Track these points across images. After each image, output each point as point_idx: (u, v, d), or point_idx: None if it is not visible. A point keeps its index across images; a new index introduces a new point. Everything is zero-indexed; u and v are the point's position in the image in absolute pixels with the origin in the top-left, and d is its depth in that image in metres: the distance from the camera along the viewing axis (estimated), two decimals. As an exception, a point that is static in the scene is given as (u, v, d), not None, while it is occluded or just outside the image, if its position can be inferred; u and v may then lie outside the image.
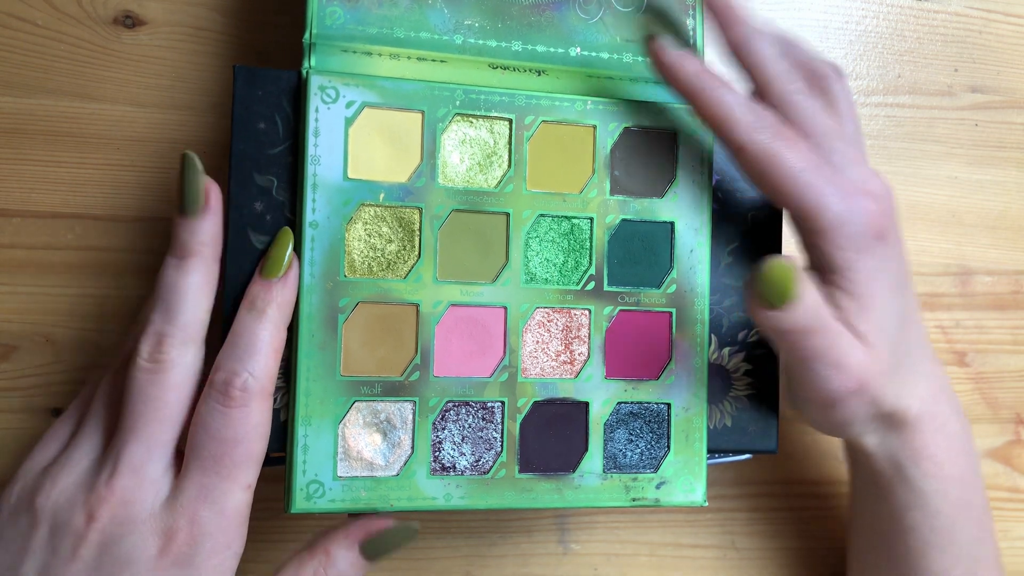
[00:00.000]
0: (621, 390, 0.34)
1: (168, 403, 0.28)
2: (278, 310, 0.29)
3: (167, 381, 0.28)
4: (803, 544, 0.44)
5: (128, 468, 0.28)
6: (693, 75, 0.32)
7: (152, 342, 0.28)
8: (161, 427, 0.28)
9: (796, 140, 0.32)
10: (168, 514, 0.28)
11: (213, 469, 0.28)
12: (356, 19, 0.33)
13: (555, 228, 0.34)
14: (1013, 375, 0.47)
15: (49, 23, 0.37)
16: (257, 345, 0.29)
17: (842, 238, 0.31)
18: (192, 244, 0.29)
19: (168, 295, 0.29)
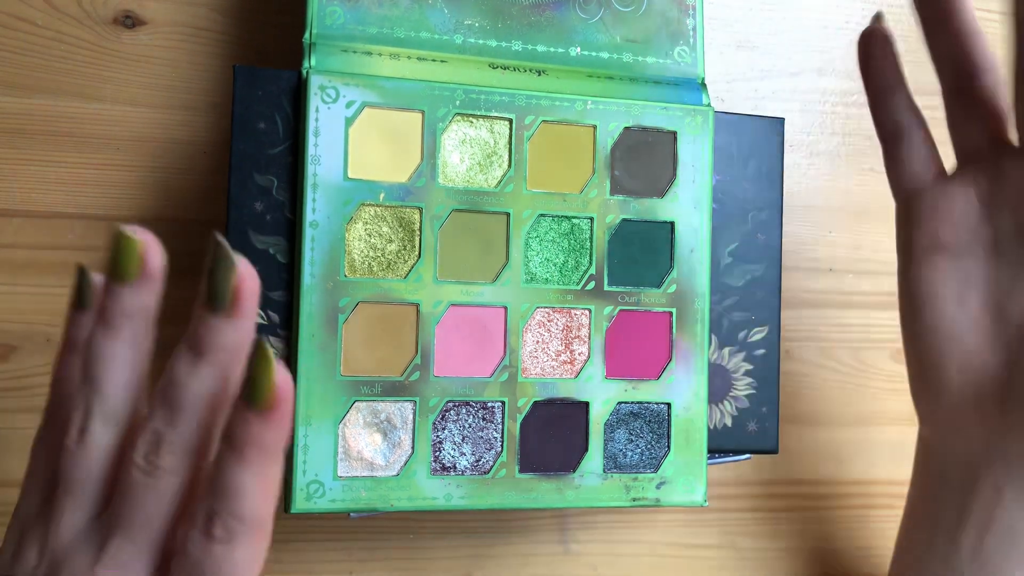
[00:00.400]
0: (621, 390, 0.34)
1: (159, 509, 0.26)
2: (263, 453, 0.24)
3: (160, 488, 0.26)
4: (803, 544, 0.44)
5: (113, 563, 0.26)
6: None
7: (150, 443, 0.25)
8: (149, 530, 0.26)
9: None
10: None
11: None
12: (356, 19, 0.33)
13: (555, 228, 0.34)
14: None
15: (49, 23, 0.37)
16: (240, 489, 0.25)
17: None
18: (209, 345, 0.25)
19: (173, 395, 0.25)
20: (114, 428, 0.27)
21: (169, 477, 0.26)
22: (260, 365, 0.23)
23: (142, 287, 0.25)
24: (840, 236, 0.45)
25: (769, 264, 0.36)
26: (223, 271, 0.24)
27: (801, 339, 0.44)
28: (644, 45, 0.35)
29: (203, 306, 0.24)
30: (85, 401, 0.26)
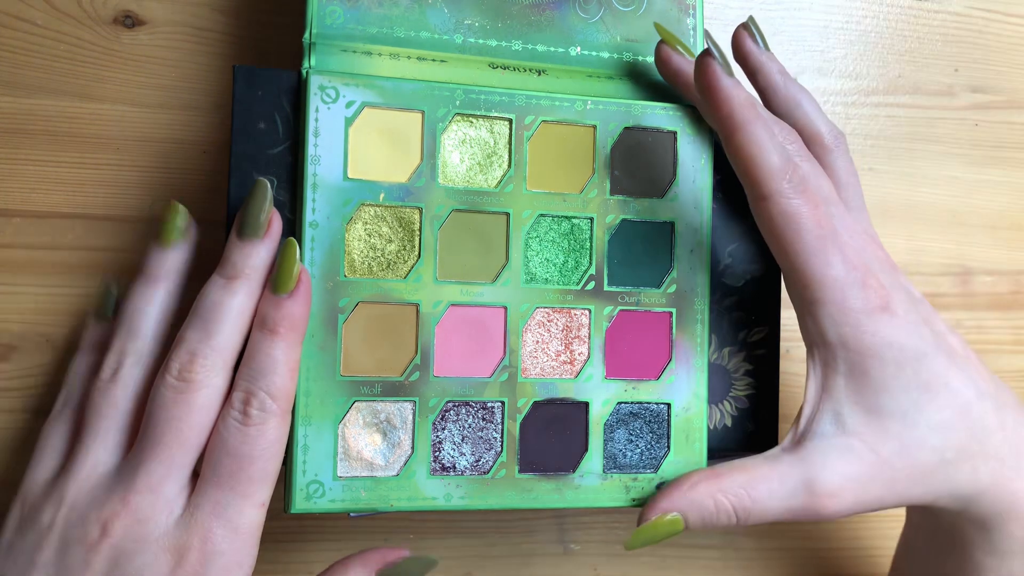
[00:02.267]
0: (621, 390, 0.34)
1: (191, 425, 0.28)
2: (291, 328, 0.29)
3: (194, 402, 0.28)
4: (803, 544, 0.44)
5: (145, 486, 0.28)
6: (739, 106, 0.31)
7: (184, 359, 0.28)
8: (182, 448, 0.28)
9: (819, 203, 0.31)
10: (181, 532, 0.28)
11: (228, 485, 0.28)
12: (356, 19, 0.33)
13: (555, 228, 0.34)
14: (1013, 375, 0.47)
15: (49, 23, 0.37)
16: (271, 365, 0.29)
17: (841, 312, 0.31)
18: (244, 267, 0.29)
19: (208, 314, 0.29)
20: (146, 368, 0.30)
21: (203, 391, 0.28)
22: (286, 257, 0.29)
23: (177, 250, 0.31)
24: (840, 236, 0.45)
25: (769, 264, 0.36)
26: (262, 202, 0.29)
27: (801, 339, 0.44)
28: (644, 45, 0.35)
29: (238, 235, 0.29)
30: (120, 345, 0.30)
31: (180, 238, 0.31)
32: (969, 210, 0.47)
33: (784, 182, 0.30)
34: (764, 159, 0.30)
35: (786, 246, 0.31)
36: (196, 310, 0.29)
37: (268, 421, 0.28)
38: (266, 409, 0.28)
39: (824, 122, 0.34)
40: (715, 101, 0.31)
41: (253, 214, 0.29)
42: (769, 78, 0.34)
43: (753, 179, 0.31)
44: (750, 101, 0.31)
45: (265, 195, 0.29)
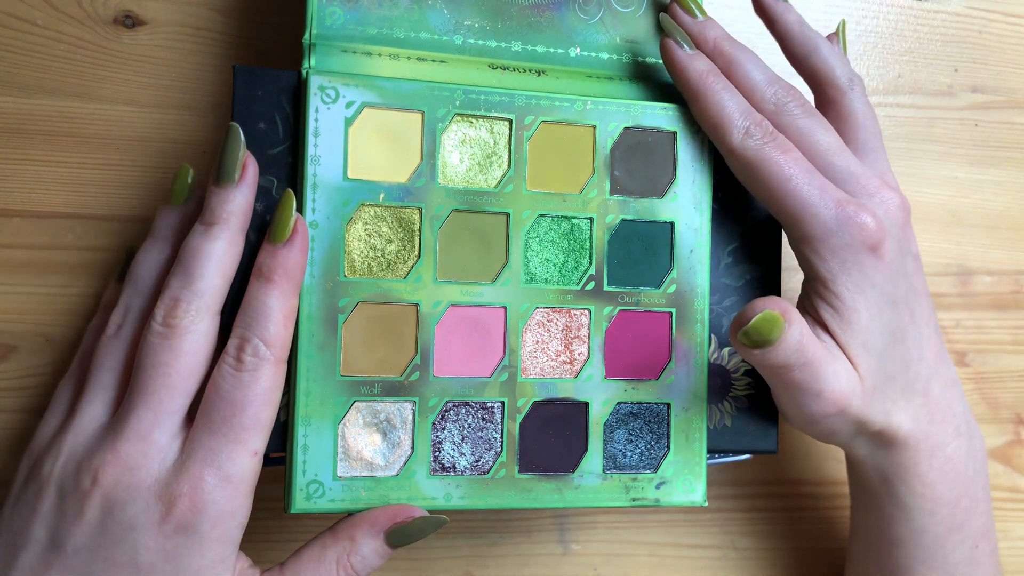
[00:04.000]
0: (621, 390, 0.34)
1: (179, 370, 0.28)
2: (285, 276, 0.29)
3: (179, 347, 0.28)
4: (803, 544, 0.44)
5: (135, 434, 0.28)
6: (698, 76, 0.33)
7: (167, 306, 0.28)
8: (170, 394, 0.28)
9: (787, 147, 0.32)
10: (172, 479, 0.28)
11: (221, 431, 0.28)
12: (356, 19, 0.33)
13: (555, 228, 0.34)
14: (1013, 375, 0.47)
15: (49, 23, 0.37)
16: (265, 312, 0.29)
17: (827, 249, 0.32)
18: (221, 212, 0.29)
19: (189, 260, 0.29)
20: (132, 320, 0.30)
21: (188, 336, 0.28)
22: (283, 207, 0.29)
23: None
24: (840, 236, 0.45)
25: (769, 264, 0.36)
26: (235, 147, 0.29)
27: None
28: (644, 45, 0.35)
29: (214, 182, 0.29)
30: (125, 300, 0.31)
31: (185, 197, 0.32)
32: (969, 210, 0.47)
33: (746, 137, 0.32)
34: (724, 118, 0.32)
35: (763, 192, 0.32)
36: (178, 259, 0.29)
37: (261, 367, 0.28)
38: (260, 355, 0.28)
39: (840, 66, 0.35)
40: (675, 73, 0.33)
41: (227, 159, 0.29)
42: (785, 26, 0.35)
43: (718, 139, 0.33)
44: (709, 69, 0.33)
45: (238, 140, 0.29)
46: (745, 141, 0.32)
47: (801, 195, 0.31)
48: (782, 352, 0.30)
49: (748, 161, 0.32)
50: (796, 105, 0.33)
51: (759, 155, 0.32)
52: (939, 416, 0.34)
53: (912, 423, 0.33)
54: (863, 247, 0.31)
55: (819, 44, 0.35)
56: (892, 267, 0.32)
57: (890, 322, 0.32)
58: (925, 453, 0.34)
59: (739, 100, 0.33)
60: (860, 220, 0.31)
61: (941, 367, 0.34)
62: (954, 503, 0.34)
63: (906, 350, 0.33)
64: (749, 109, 0.33)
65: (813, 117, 0.33)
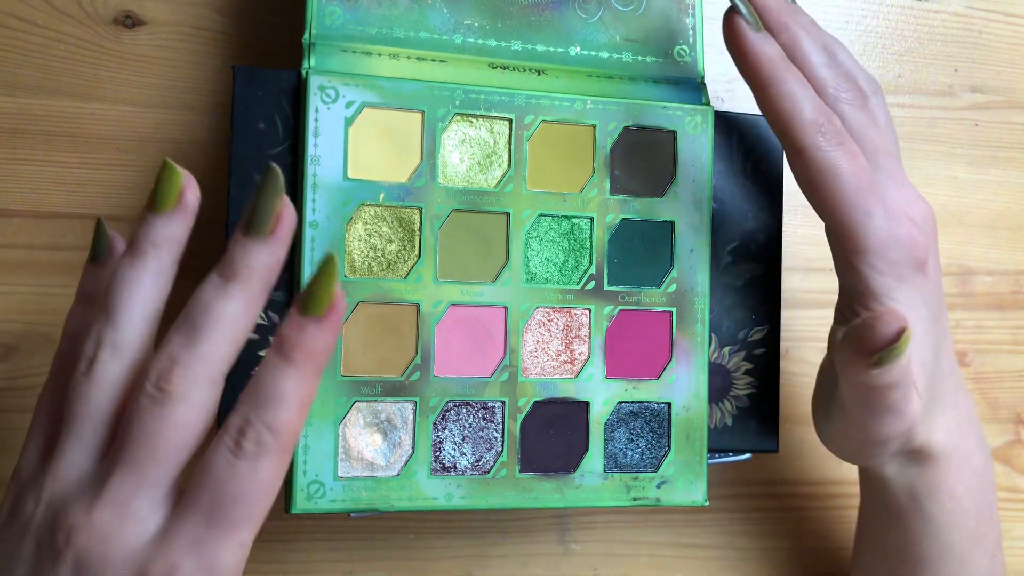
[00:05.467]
0: (621, 389, 0.34)
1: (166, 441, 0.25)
2: (309, 358, 0.25)
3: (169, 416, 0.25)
4: (803, 544, 0.44)
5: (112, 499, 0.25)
6: (768, 62, 0.31)
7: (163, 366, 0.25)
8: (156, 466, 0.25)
9: (856, 153, 0.31)
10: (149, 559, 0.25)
11: (208, 521, 0.25)
12: (356, 19, 0.33)
13: (555, 228, 0.34)
14: (1013, 375, 0.47)
15: (49, 23, 0.37)
16: (278, 396, 0.25)
17: (885, 263, 0.31)
18: (242, 268, 0.25)
19: (196, 317, 0.25)
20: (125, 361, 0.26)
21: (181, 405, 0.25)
22: (325, 274, 0.24)
23: (175, 218, 0.26)
24: (840, 236, 0.45)
25: (769, 264, 0.36)
26: (270, 195, 0.25)
27: (801, 339, 0.44)
28: (644, 45, 0.35)
29: (241, 231, 0.25)
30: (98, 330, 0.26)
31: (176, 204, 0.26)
32: (969, 210, 0.47)
33: (818, 135, 0.30)
34: (796, 113, 0.30)
35: (825, 199, 0.31)
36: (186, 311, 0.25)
37: (262, 459, 0.25)
38: (263, 444, 0.24)
39: (859, 71, 0.34)
40: (742, 58, 0.31)
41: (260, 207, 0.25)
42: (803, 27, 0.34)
43: (787, 134, 0.31)
44: (779, 55, 0.31)
45: (276, 186, 0.25)
46: (817, 141, 0.30)
47: (865, 207, 0.30)
48: (900, 371, 0.29)
49: (817, 164, 0.30)
50: (854, 96, 0.32)
51: (828, 160, 0.30)
52: (965, 428, 0.34)
53: (946, 437, 0.33)
54: (914, 263, 0.31)
55: (835, 49, 0.34)
56: (933, 283, 0.32)
57: (935, 337, 0.32)
58: (955, 468, 0.33)
59: (810, 93, 0.31)
60: (914, 236, 0.31)
61: (958, 375, 0.34)
62: (977, 515, 0.34)
63: (941, 364, 0.33)
64: (820, 104, 0.31)
65: (866, 111, 0.33)
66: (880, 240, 0.30)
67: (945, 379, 0.33)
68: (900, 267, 0.31)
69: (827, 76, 0.32)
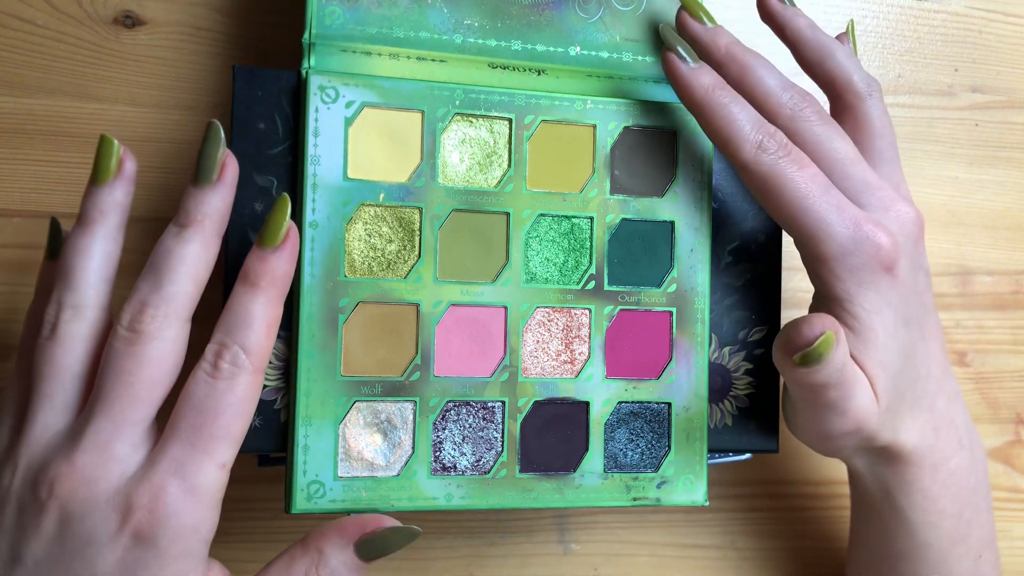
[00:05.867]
0: (622, 389, 0.34)
1: (142, 378, 0.26)
2: (272, 283, 0.28)
3: (144, 354, 0.26)
4: (803, 544, 0.44)
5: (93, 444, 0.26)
6: (703, 90, 0.31)
7: (133, 310, 0.27)
8: (132, 403, 0.26)
9: (804, 163, 0.31)
10: (132, 490, 0.26)
11: (189, 441, 0.26)
12: (356, 19, 0.33)
13: (555, 228, 0.34)
14: (1013, 375, 0.47)
15: (49, 23, 0.37)
16: (248, 318, 0.27)
17: (844, 269, 0.31)
18: (196, 214, 0.28)
19: (159, 262, 0.27)
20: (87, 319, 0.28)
21: (154, 342, 0.27)
22: (277, 211, 0.28)
23: (116, 185, 0.28)
24: (840, 236, 0.45)
25: (769, 264, 0.36)
26: (214, 147, 0.28)
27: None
28: (644, 44, 0.35)
29: (192, 182, 0.28)
30: (57, 296, 0.28)
31: (114, 173, 0.28)
32: (969, 210, 0.47)
33: (758, 150, 0.31)
34: (734, 133, 0.31)
35: (777, 209, 0.31)
36: (150, 260, 0.28)
37: (238, 376, 0.27)
38: (238, 363, 0.27)
39: (856, 70, 0.34)
40: (678, 90, 0.32)
41: (205, 158, 0.28)
42: (796, 32, 0.35)
43: (730, 153, 0.31)
44: (715, 83, 0.32)
45: (217, 138, 0.28)
46: (759, 156, 0.31)
47: (818, 213, 0.30)
48: (829, 371, 0.30)
49: (762, 177, 0.31)
50: (812, 111, 0.32)
51: (774, 170, 0.31)
52: (943, 431, 0.34)
53: (918, 439, 0.33)
54: (879, 267, 0.31)
55: (833, 48, 0.34)
56: (906, 286, 0.32)
57: (903, 341, 0.32)
58: (929, 468, 0.33)
59: (749, 112, 0.31)
60: (876, 240, 0.31)
61: (946, 382, 0.34)
62: (957, 516, 0.34)
63: (915, 367, 0.33)
64: (761, 121, 0.31)
65: (829, 124, 0.32)
66: (839, 246, 0.30)
67: (919, 382, 0.33)
68: (861, 272, 0.31)
69: (782, 98, 0.32)
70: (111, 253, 0.28)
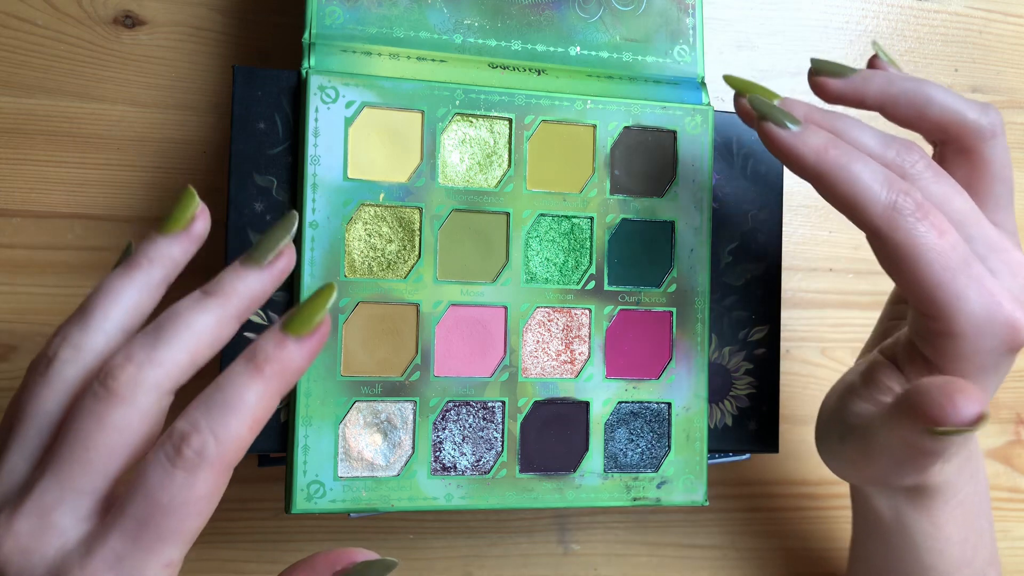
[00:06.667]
0: (622, 389, 0.34)
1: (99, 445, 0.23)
2: (281, 375, 0.24)
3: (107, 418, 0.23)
4: (803, 544, 0.44)
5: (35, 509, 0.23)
6: (816, 153, 0.28)
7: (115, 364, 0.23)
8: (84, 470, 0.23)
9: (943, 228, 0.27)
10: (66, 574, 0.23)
11: (132, 534, 0.23)
12: (356, 19, 0.33)
13: (555, 227, 0.34)
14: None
15: (49, 23, 0.37)
16: (235, 404, 0.23)
17: (972, 349, 0.28)
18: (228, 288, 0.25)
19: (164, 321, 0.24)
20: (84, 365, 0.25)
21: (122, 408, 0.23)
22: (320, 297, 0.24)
23: (178, 240, 0.26)
24: (840, 236, 0.45)
25: (769, 264, 0.36)
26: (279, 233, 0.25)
27: (801, 339, 0.44)
28: (644, 44, 0.35)
29: (240, 260, 0.25)
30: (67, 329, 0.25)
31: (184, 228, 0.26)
32: (969, 210, 0.47)
33: (892, 211, 0.27)
34: (860, 191, 0.27)
35: (910, 281, 0.28)
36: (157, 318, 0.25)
37: (200, 471, 0.23)
38: (204, 455, 0.23)
39: (969, 107, 0.30)
40: (788, 161, 0.29)
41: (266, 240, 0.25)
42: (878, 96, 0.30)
43: (860, 219, 0.28)
44: (824, 142, 0.28)
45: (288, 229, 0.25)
46: (894, 219, 0.27)
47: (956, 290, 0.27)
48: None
49: (898, 245, 0.27)
50: (924, 166, 0.29)
51: (911, 238, 0.27)
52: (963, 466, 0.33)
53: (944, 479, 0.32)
54: (1007, 350, 0.28)
55: (928, 92, 0.30)
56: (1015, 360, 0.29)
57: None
58: (941, 502, 0.33)
59: (874, 168, 0.28)
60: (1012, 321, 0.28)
61: None
62: (963, 541, 0.34)
63: None
64: (890, 176, 0.28)
65: (943, 179, 0.29)
66: (973, 327, 0.28)
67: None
68: (988, 355, 0.28)
69: (886, 156, 0.29)
70: (141, 305, 0.25)
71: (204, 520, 0.24)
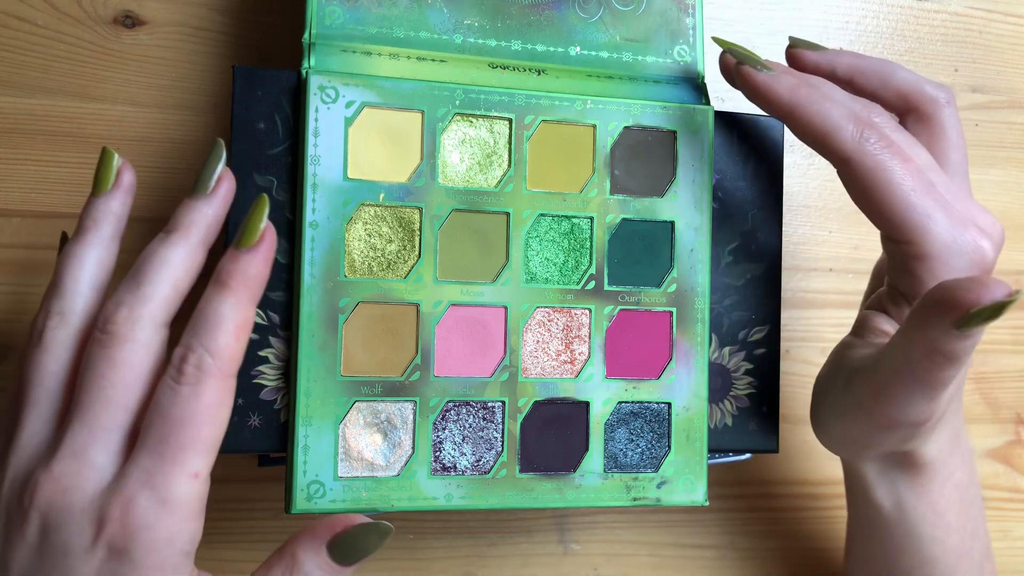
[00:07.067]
0: (622, 389, 0.34)
1: (115, 382, 0.26)
2: (244, 284, 0.27)
3: (116, 357, 0.26)
4: (803, 544, 0.44)
5: (69, 451, 0.26)
6: (789, 90, 0.31)
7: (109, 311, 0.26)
8: (106, 408, 0.26)
9: (907, 156, 0.30)
10: (105, 502, 0.25)
11: (157, 451, 0.25)
12: (356, 19, 0.33)
13: (555, 228, 0.34)
14: (1013, 375, 0.47)
15: (49, 23, 0.37)
16: (216, 320, 0.26)
17: (944, 270, 0.29)
18: (184, 221, 0.27)
19: (140, 265, 0.27)
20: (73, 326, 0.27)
21: (127, 345, 0.26)
22: (255, 211, 0.27)
23: (113, 195, 0.28)
24: (840, 236, 0.45)
25: (769, 264, 0.36)
26: (213, 162, 0.28)
27: (801, 339, 0.44)
28: (644, 44, 0.35)
29: (188, 195, 0.28)
30: (46, 304, 0.28)
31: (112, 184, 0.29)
32: (969, 210, 0.47)
33: (860, 139, 0.29)
34: (832, 123, 0.30)
35: (880, 203, 0.30)
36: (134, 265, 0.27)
37: (204, 381, 0.26)
38: (203, 368, 0.26)
39: (927, 81, 0.33)
40: (761, 99, 0.31)
41: (204, 172, 0.28)
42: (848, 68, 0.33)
43: (830, 147, 0.30)
44: (796, 82, 0.31)
45: (219, 155, 0.28)
46: (863, 145, 0.29)
47: (924, 209, 0.29)
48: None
49: (868, 168, 0.29)
50: (887, 118, 0.31)
51: (879, 162, 0.29)
52: (954, 443, 0.33)
53: (936, 449, 0.33)
54: (977, 271, 0.29)
55: (891, 65, 0.33)
56: None
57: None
58: (939, 482, 0.33)
59: (841, 107, 0.30)
60: (981, 244, 0.29)
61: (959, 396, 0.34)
62: (960, 530, 0.34)
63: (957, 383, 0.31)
64: (857, 112, 0.30)
65: (905, 132, 0.31)
66: (944, 245, 0.29)
67: (956, 396, 0.32)
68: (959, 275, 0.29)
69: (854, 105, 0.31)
70: (103, 261, 0.28)
71: (219, 429, 0.26)
